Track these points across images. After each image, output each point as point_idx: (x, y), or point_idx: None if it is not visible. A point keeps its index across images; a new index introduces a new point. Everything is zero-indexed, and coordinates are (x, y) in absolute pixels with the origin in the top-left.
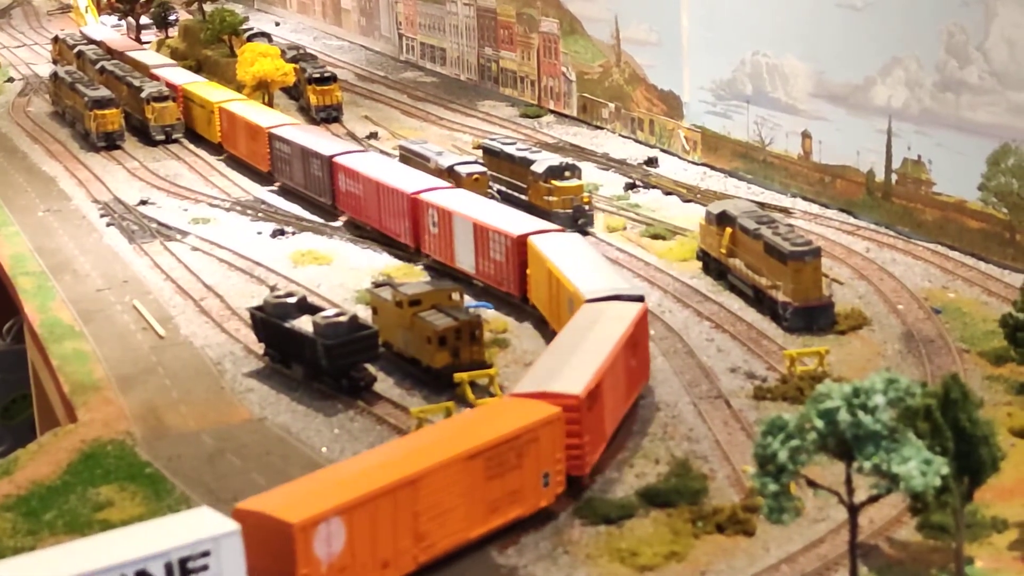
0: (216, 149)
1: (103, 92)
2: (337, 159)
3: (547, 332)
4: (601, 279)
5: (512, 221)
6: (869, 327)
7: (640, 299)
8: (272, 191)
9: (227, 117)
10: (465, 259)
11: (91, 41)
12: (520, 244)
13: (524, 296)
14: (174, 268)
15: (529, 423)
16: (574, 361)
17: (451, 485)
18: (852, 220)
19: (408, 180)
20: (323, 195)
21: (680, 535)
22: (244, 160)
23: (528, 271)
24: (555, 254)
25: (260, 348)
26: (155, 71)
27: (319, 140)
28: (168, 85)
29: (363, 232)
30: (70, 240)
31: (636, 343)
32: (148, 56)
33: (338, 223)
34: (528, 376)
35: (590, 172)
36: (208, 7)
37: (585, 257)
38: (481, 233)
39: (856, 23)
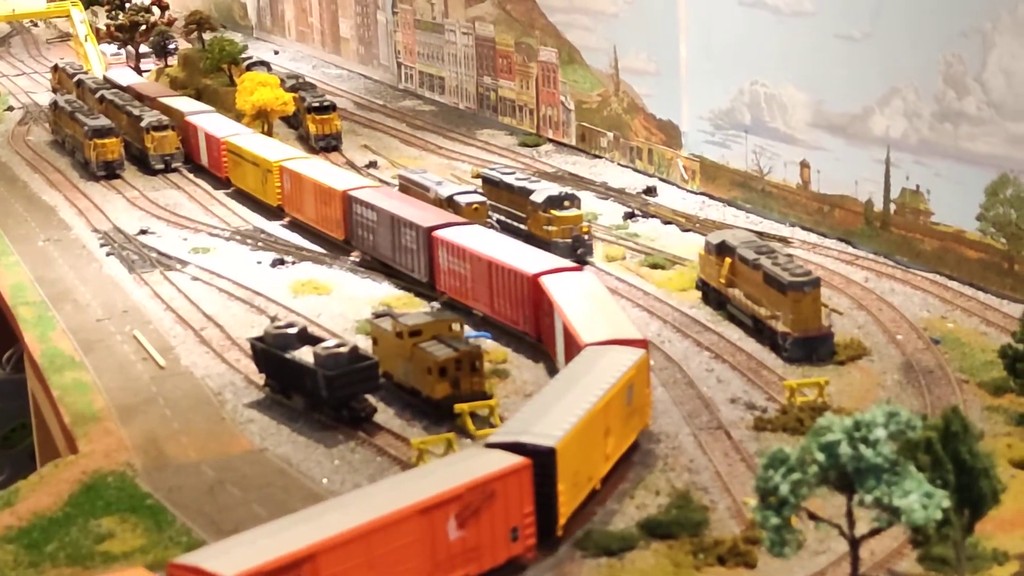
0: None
1: (103, 121)
2: (438, 232)
3: (548, 363)
4: (547, 417)
5: (595, 323)
6: (868, 357)
7: (545, 452)
8: (354, 261)
9: (291, 178)
10: (560, 359)
11: (115, 86)
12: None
13: None
14: (174, 298)
15: None
16: (293, 530)
17: None
18: (851, 250)
19: (527, 259)
20: (417, 271)
21: (681, 567)
22: (313, 227)
23: None
24: (570, 371)
25: (261, 379)
26: (190, 118)
27: (412, 208)
28: (208, 137)
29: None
30: (70, 270)
31: (475, 512)
32: (183, 103)
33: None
34: (239, 536)
35: (589, 201)
36: (207, 36)
37: (578, 385)
38: (568, 335)
39: (854, 53)
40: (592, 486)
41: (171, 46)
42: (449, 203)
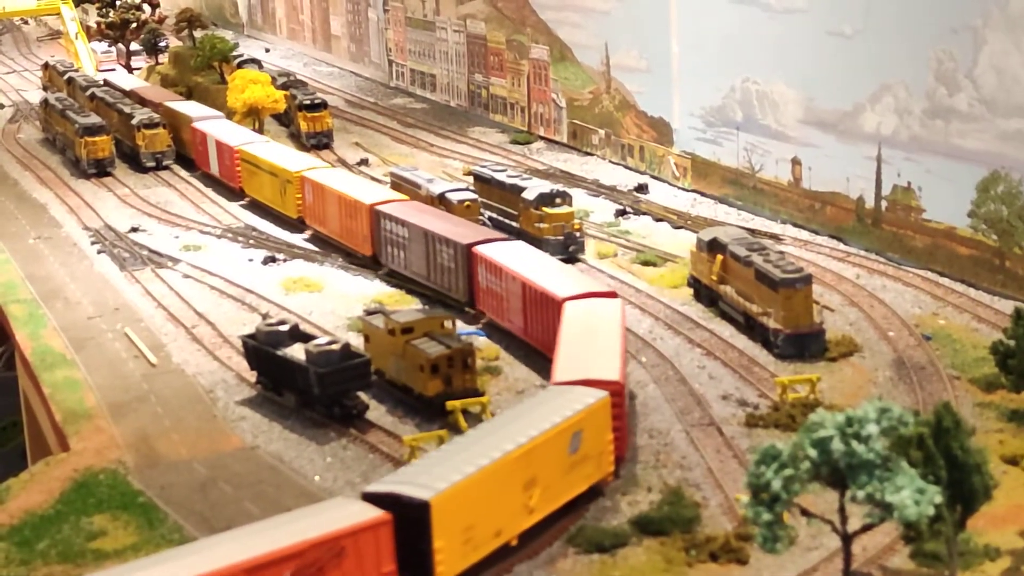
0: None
1: (93, 119)
2: (479, 249)
3: (539, 360)
4: (444, 464)
5: (577, 360)
6: (860, 354)
7: (417, 506)
8: (380, 277)
9: (313, 189)
10: None
11: (119, 90)
12: None
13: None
14: (165, 295)
15: None
16: None
17: None
18: (842, 246)
19: (562, 281)
20: (455, 291)
21: (673, 564)
22: (338, 241)
23: None
24: (511, 412)
25: (252, 376)
26: (198, 125)
27: (447, 223)
28: (219, 145)
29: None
30: (61, 267)
31: (318, 571)
32: (191, 107)
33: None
34: None
35: (580, 199)
36: (198, 33)
37: (504, 429)
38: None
39: (845, 50)
40: (503, 541)
41: (162, 44)
42: (441, 200)
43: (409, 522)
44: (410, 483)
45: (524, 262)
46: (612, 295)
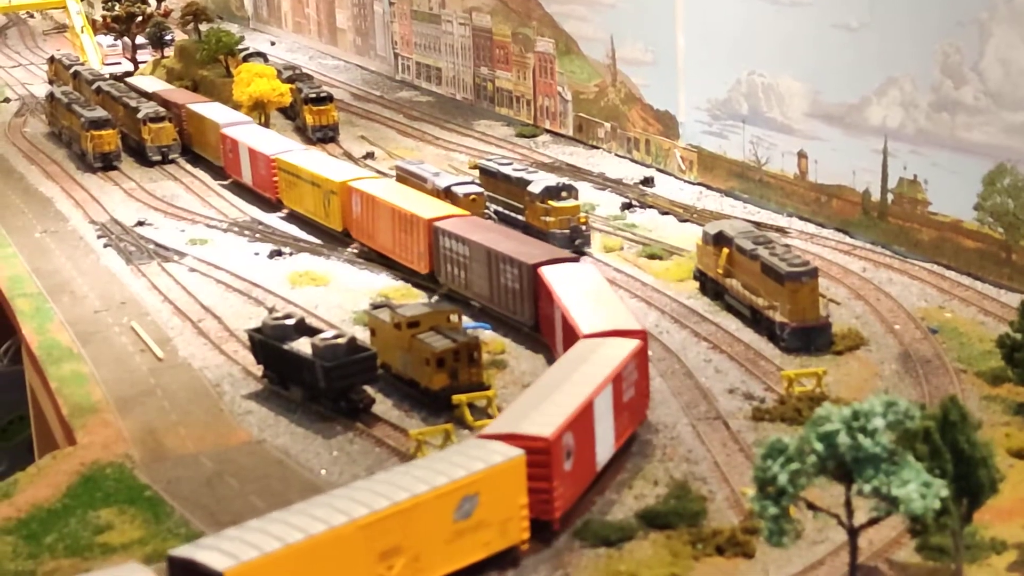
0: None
1: (99, 112)
2: (545, 271)
3: (548, 354)
4: (276, 526)
5: (524, 409)
6: (866, 347)
7: None
8: (437, 299)
9: (362, 200)
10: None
11: (140, 92)
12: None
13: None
14: (172, 289)
15: None
16: None
17: None
18: (848, 240)
19: (595, 315)
20: (520, 314)
21: (679, 557)
22: (389, 256)
23: None
24: (410, 466)
25: (259, 370)
26: (228, 131)
27: (512, 241)
28: (253, 154)
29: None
30: (67, 261)
31: None
32: (219, 112)
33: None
34: None
35: (586, 192)
36: (204, 27)
37: (374, 489)
38: None
39: (852, 43)
40: None
41: (167, 37)
42: (447, 194)
43: None
44: (216, 548)
45: (576, 287)
46: (639, 334)
